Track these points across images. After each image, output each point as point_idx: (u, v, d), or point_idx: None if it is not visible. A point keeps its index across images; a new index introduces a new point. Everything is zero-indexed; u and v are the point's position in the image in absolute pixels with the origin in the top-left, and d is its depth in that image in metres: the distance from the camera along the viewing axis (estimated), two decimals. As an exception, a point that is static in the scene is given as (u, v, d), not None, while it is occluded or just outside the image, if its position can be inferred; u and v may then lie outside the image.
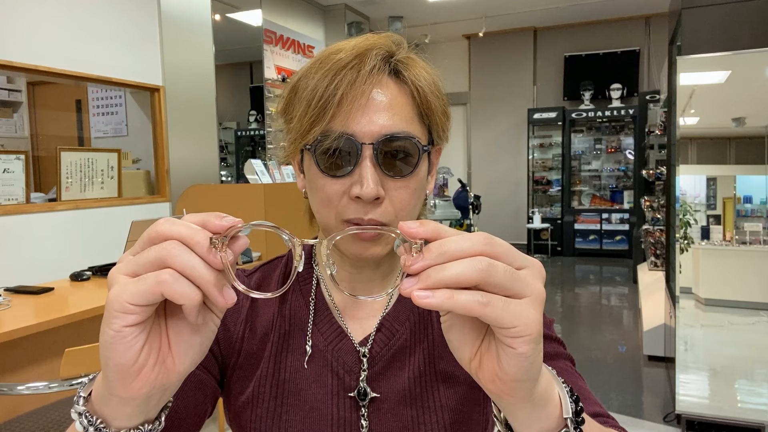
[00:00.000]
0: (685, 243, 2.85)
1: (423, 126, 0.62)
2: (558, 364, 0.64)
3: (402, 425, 0.64)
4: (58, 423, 1.69)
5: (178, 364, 0.41)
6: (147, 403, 0.42)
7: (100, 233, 3.41)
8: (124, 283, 0.37)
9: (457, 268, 0.35)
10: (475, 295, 0.35)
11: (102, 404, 0.42)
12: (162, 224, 0.39)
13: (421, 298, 0.35)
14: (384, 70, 0.60)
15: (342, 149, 0.58)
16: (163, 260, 0.37)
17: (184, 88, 4.11)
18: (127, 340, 0.38)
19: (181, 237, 0.38)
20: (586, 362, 3.86)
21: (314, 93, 0.58)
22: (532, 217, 8.12)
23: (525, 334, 0.36)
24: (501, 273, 0.36)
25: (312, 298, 0.69)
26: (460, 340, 0.40)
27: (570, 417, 0.42)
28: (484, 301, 0.35)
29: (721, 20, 2.78)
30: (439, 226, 0.38)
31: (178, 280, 0.37)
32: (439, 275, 0.35)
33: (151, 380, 0.40)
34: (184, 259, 0.37)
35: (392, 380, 0.65)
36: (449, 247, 0.36)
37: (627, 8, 7.57)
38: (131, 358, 0.38)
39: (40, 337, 2.08)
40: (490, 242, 0.37)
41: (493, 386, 0.39)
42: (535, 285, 0.37)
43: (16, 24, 3.00)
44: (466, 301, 0.35)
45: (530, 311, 0.36)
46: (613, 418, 0.59)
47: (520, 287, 0.36)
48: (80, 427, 0.42)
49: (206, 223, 0.39)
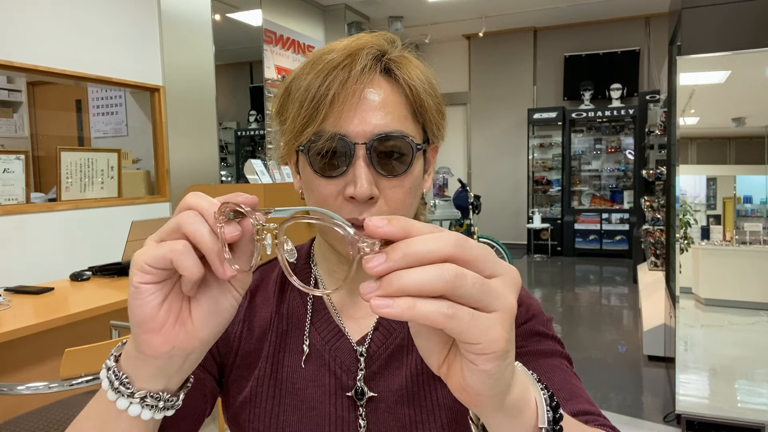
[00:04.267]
0: (685, 243, 2.85)
1: (417, 124, 0.62)
2: (552, 361, 0.64)
3: (400, 424, 0.64)
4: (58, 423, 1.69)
5: (198, 329, 0.44)
6: (169, 365, 0.44)
7: (100, 233, 3.41)
8: (149, 246, 0.42)
9: (421, 276, 0.32)
10: (440, 306, 0.32)
11: (128, 362, 0.45)
12: (189, 197, 0.42)
13: (379, 307, 0.32)
14: (375, 69, 0.60)
15: (335, 150, 0.58)
16: (179, 226, 0.40)
17: (184, 88, 4.11)
18: (144, 296, 0.41)
19: (199, 207, 0.41)
20: (586, 362, 3.86)
21: (306, 94, 0.58)
22: (532, 217, 8.12)
23: (489, 351, 0.33)
24: (470, 284, 0.32)
25: (309, 297, 0.69)
26: (427, 348, 0.38)
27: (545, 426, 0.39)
28: (448, 313, 0.32)
29: (721, 20, 2.78)
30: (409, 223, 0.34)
31: (188, 254, 0.40)
32: (401, 282, 0.32)
33: (171, 338, 0.43)
34: (195, 226, 0.40)
35: (390, 379, 0.65)
36: (415, 248, 0.32)
37: (627, 8, 7.57)
38: (150, 311, 0.42)
39: (40, 337, 2.08)
40: (462, 245, 0.33)
41: (461, 395, 0.37)
42: (506, 298, 0.34)
43: (16, 24, 3.01)
44: (429, 312, 0.32)
45: (497, 327, 0.33)
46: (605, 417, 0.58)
47: (490, 300, 0.33)
48: (106, 383, 0.45)
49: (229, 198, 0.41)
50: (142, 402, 0.44)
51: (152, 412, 0.45)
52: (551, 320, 0.70)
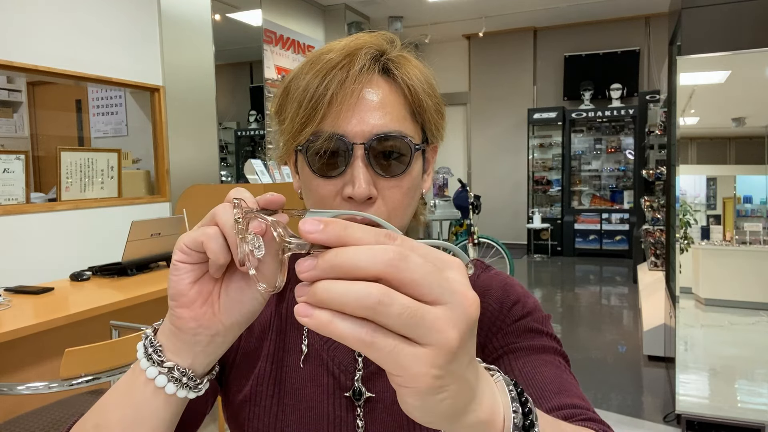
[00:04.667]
0: (685, 243, 2.85)
1: (416, 124, 0.62)
2: (544, 357, 0.64)
3: (398, 425, 0.64)
4: (58, 423, 1.69)
5: (222, 314, 0.46)
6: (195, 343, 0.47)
7: (100, 233, 3.41)
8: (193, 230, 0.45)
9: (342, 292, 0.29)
10: (359, 330, 0.29)
11: (162, 335, 0.48)
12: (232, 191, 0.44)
13: (298, 314, 0.30)
14: (374, 69, 0.60)
15: (333, 150, 0.58)
16: (214, 215, 0.43)
17: (184, 88, 4.11)
18: (180, 273, 0.45)
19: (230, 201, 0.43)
20: (586, 362, 3.86)
21: (305, 94, 0.58)
22: (532, 217, 8.12)
23: (410, 386, 0.30)
24: (395, 312, 0.28)
25: None
26: None
27: None
28: (366, 340, 0.29)
29: (721, 20, 2.78)
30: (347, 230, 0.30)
31: (216, 238, 0.43)
32: (323, 294, 0.29)
33: (198, 316, 0.46)
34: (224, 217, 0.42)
35: (387, 380, 0.65)
36: (343, 260, 0.29)
37: (627, 8, 7.57)
38: (183, 287, 0.45)
39: (40, 337, 2.08)
40: (397, 265, 0.29)
41: None
42: (443, 333, 0.29)
43: (16, 24, 3.00)
44: (345, 333, 0.29)
45: (423, 364, 0.29)
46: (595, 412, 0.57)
47: (422, 333, 0.29)
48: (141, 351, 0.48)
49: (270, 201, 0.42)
50: (169, 373, 0.46)
51: (176, 387, 0.47)
52: (549, 318, 0.70)
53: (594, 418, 0.56)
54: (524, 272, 7.17)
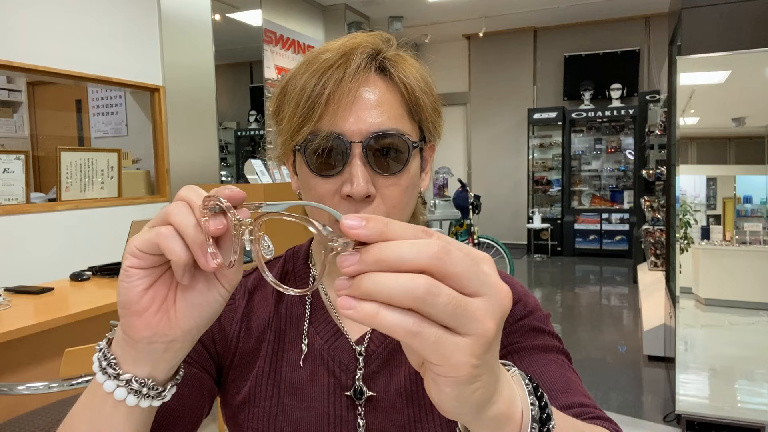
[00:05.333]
0: (685, 243, 2.85)
1: (413, 123, 0.62)
2: (548, 356, 0.64)
3: (399, 424, 0.64)
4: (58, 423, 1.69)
5: (180, 320, 0.44)
6: (151, 351, 0.45)
7: (100, 233, 3.41)
8: (142, 231, 0.42)
9: (390, 284, 0.29)
10: (405, 321, 0.30)
11: (116, 345, 0.46)
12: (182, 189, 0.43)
13: (343, 307, 0.31)
14: (370, 67, 0.60)
15: (331, 148, 0.58)
16: (167, 215, 0.41)
17: (184, 88, 4.11)
18: (132, 279, 0.42)
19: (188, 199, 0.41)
20: (586, 362, 3.86)
21: (302, 93, 0.58)
22: (532, 217, 8.12)
23: (450, 375, 0.31)
24: (441, 304, 0.30)
25: (308, 296, 0.69)
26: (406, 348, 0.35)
27: None
28: (413, 330, 0.30)
29: (721, 20, 2.78)
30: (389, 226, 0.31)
31: (173, 237, 0.40)
32: (369, 286, 0.30)
33: (152, 325, 0.43)
34: (180, 216, 0.40)
35: (389, 379, 0.65)
36: (388, 255, 0.30)
37: (627, 8, 7.57)
38: (135, 296, 0.42)
39: (40, 337, 2.08)
40: (442, 257, 0.30)
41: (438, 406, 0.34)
42: (483, 323, 0.31)
43: (16, 24, 3.00)
44: (392, 324, 0.30)
45: (464, 353, 0.30)
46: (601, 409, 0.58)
47: (462, 323, 0.30)
48: (96, 364, 0.46)
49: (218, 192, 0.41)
50: (127, 385, 0.45)
51: (137, 399, 0.45)
52: (549, 316, 0.70)
53: (601, 416, 0.57)
54: (524, 272, 7.17)
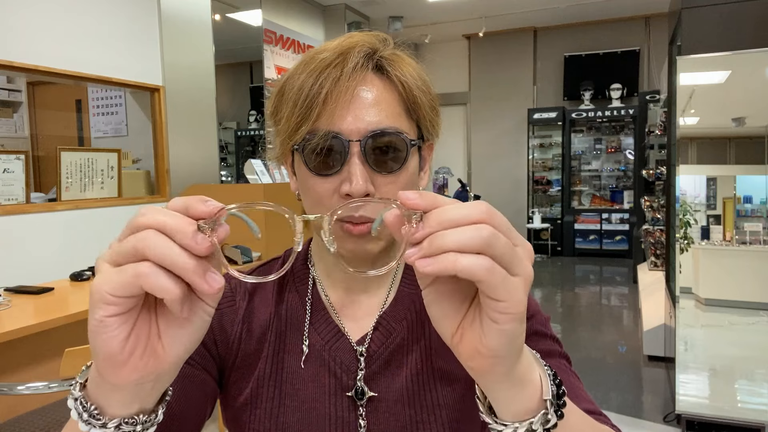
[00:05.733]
0: (685, 243, 2.85)
1: (411, 121, 0.62)
2: (551, 361, 0.64)
3: (400, 424, 0.64)
4: (58, 423, 1.69)
5: (168, 353, 0.40)
6: (140, 390, 0.41)
7: (100, 233, 3.41)
8: (106, 272, 0.37)
9: (460, 235, 0.35)
10: (480, 259, 0.35)
11: (95, 390, 0.41)
12: (143, 214, 0.37)
13: (423, 266, 0.35)
14: (367, 66, 0.60)
15: (330, 148, 0.58)
16: (141, 251, 0.36)
17: (184, 88, 4.11)
18: (110, 329, 0.37)
19: (160, 225, 0.36)
20: (586, 362, 3.86)
21: (300, 93, 0.58)
22: (532, 217, 8.12)
23: (512, 311, 0.36)
24: (501, 245, 0.35)
25: (308, 297, 0.69)
26: (442, 314, 0.40)
27: (549, 399, 0.42)
28: (488, 266, 0.35)
29: (721, 20, 2.78)
30: (437, 196, 0.38)
31: (157, 273, 0.36)
32: (442, 241, 0.35)
33: (140, 368, 0.39)
34: (161, 248, 0.36)
35: (390, 379, 0.65)
36: (450, 215, 0.36)
37: (627, 8, 7.57)
38: (116, 346, 0.37)
39: (40, 337, 2.08)
40: (491, 213, 0.36)
41: (473, 363, 0.39)
42: (527, 265, 0.37)
43: (16, 24, 3.00)
44: (471, 264, 0.34)
45: (520, 290, 0.36)
46: (606, 416, 0.58)
47: (515, 263, 0.36)
48: (75, 413, 0.41)
49: (188, 208, 0.38)
50: (117, 429, 0.41)
51: None
52: (548, 319, 0.70)
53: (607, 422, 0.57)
54: (524, 272, 7.16)
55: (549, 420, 0.41)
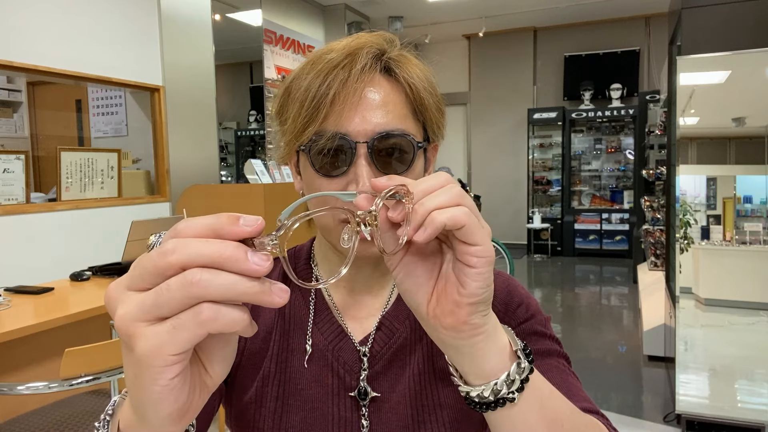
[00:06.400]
0: (685, 243, 2.85)
1: (417, 123, 0.62)
2: (550, 361, 0.64)
3: (403, 424, 0.64)
4: (58, 423, 1.70)
5: (215, 378, 0.38)
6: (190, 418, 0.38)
7: (100, 233, 3.41)
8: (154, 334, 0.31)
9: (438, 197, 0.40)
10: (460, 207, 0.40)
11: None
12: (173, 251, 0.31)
13: (417, 237, 0.39)
14: (375, 68, 0.60)
15: (336, 149, 0.58)
16: (196, 296, 0.31)
17: (184, 88, 4.10)
18: (178, 389, 0.33)
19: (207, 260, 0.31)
20: (586, 362, 3.86)
21: (307, 93, 0.58)
22: (532, 217, 8.12)
23: (486, 255, 0.41)
24: (470, 203, 0.41)
25: (312, 297, 0.69)
26: (415, 285, 0.44)
27: (519, 348, 0.46)
28: (467, 212, 0.40)
29: (721, 20, 2.78)
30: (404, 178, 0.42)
31: (221, 311, 0.31)
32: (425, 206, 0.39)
33: (198, 406, 0.37)
34: (221, 284, 0.31)
35: (393, 379, 0.65)
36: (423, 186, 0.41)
37: (627, 8, 7.57)
38: (183, 402, 0.34)
39: (40, 337, 2.08)
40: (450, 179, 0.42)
41: (452, 318, 0.42)
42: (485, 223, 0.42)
43: (16, 24, 3.00)
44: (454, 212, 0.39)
45: (489, 238, 0.41)
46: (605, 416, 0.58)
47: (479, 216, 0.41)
48: None
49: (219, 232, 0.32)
50: None
51: None
52: (548, 319, 0.70)
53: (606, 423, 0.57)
54: (524, 272, 7.17)
55: (523, 369, 0.45)
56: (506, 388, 0.44)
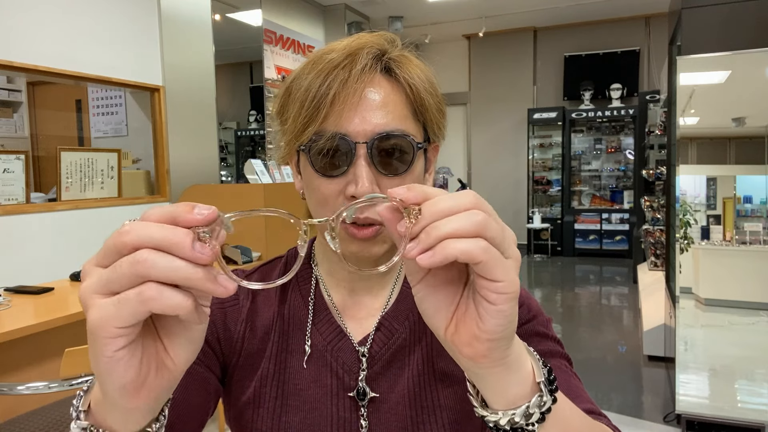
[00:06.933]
0: (685, 243, 2.85)
1: (418, 123, 0.62)
2: (552, 362, 0.64)
3: (401, 425, 0.64)
4: (58, 423, 1.69)
5: (178, 362, 0.40)
6: (155, 406, 0.41)
7: (100, 233, 3.41)
8: (102, 306, 0.34)
9: (456, 222, 0.36)
10: (476, 242, 0.36)
11: (106, 416, 0.40)
12: (128, 231, 0.34)
13: (423, 260, 0.36)
14: (376, 68, 0.60)
15: (336, 149, 0.57)
16: (141, 274, 0.33)
17: (184, 88, 4.11)
18: (124, 361, 0.35)
19: (155, 242, 0.33)
20: (586, 362, 3.86)
21: (307, 93, 0.58)
22: (532, 217, 8.12)
23: (508, 290, 0.37)
24: (494, 228, 0.37)
25: (311, 298, 0.69)
26: (434, 308, 0.41)
27: (542, 381, 0.43)
28: (484, 246, 0.36)
29: (721, 20, 2.78)
30: (425, 187, 0.38)
31: (164, 292, 0.33)
32: (438, 232, 0.36)
33: (156, 386, 0.38)
34: (164, 265, 0.33)
35: (392, 380, 0.65)
36: (441, 206, 0.37)
37: (627, 8, 7.57)
38: (132, 376, 0.36)
39: (40, 337, 2.08)
40: (479, 200, 0.38)
41: (470, 349, 0.39)
42: (515, 248, 0.39)
43: (16, 24, 3.00)
44: (469, 247, 0.35)
45: (514, 271, 0.38)
46: (607, 417, 0.59)
47: (506, 246, 0.37)
48: None
49: (176, 217, 0.35)
50: None
51: None
52: (550, 321, 0.70)
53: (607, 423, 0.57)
54: (524, 272, 7.17)
55: (544, 403, 0.42)
56: (524, 420, 0.42)
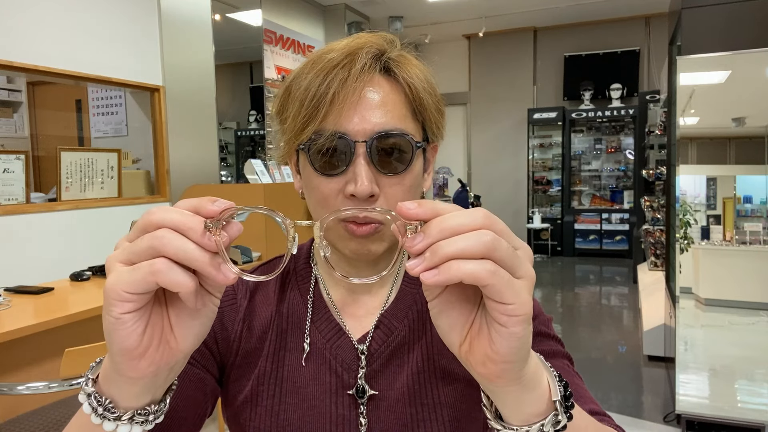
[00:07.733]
0: (685, 243, 2.85)
1: (417, 123, 0.63)
2: (555, 363, 0.64)
3: (401, 423, 0.64)
4: (58, 423, 1.69)
5: (181, 344, 0.43)
6: (154, 382, 0.43)
7: (100, 233, 3.41)
8: (119, 272, 0.38)
9: (463, 242, 0.35)
10: (484, 264, 0.35)
11: (110, 385, 0.43)
12: (155, 212, 0.39)
13: (427, 278, 0.36)
14: (375, 68, 0.60)
15: (335, 148, 0.58)
16: (156, 248, 0.38)
17: (184, 88, 4.11)
18: (128, 325, 0.39)
19: (174, 224, 0.38)
20: (586, 362, 3.86)
21: (307, 93, 0.58)
22: (532, 217, 8.12)
23: (520, 313, 0.36)
24: (504, 248, 0.36)
25: (310, 296, 0.69)
26: (449, 325, 0.41)
27: (558, 399, 0.42)
28: (491, 269, 0.35)
29: (721, 20, 2.78)
30: (437, 204, 0.38)
31: (172, 269, 0.38)
32: (445, 250, 0.36)
33: (156, 360, 0.41)
34: (177, 244, 0.38)
35: (391, 378, 0.65)
36: (450, 223, 0.36)
37: (627, 8, 7.57)
38: (134, 341, 0.40)
39: (40, 337, 2.08)
40: (490, 218, 0.37)
41: (484, 369, 0.39)
42: (528, 267, 0.38)
43: (16, 24, 3.00)
44: (474, 269, 0.35)
45: (525, 292, 0.37)
46: (610, 417, 0.59)
47: (518, 265, 0.37)
48: (88, 408, 0.43)
49: (198, 208, 0.39)
50: (130, 421, 0.43)
51: (142, 426, 0.44)
52: (551, 320, 0.70)
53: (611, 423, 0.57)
54: (524, 272, 7.16)
55: (559, 421, 0.42)
56: None
